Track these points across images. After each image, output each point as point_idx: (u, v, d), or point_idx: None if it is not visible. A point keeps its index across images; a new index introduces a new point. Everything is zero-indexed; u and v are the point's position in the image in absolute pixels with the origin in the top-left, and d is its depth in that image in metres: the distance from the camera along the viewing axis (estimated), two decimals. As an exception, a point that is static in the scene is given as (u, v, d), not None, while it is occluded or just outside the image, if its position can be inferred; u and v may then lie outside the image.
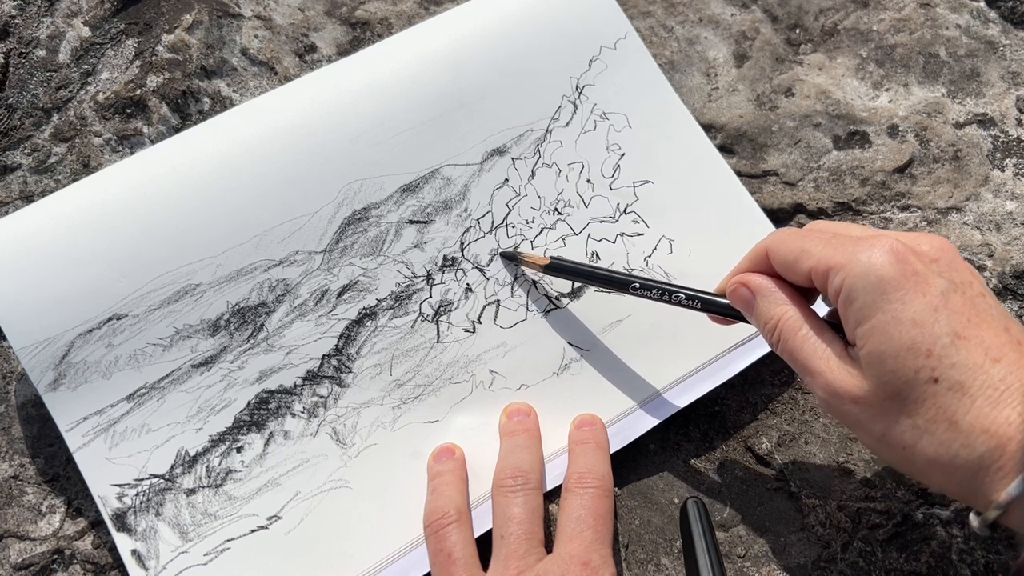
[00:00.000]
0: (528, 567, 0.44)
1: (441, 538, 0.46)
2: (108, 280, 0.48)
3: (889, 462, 0.41)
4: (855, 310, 0.39)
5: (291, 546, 0.47)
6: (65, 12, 0.59)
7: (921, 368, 0.37)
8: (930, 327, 0.37)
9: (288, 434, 0.49)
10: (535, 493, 0.47)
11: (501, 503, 0.47)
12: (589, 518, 0.45)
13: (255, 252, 0.50)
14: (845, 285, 0.39)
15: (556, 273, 0.51)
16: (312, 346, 0.50)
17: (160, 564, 0.46)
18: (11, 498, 0.50)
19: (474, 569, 0.45)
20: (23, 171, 0.56)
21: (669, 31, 0.61)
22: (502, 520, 0.46)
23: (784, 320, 0.43)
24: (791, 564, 0.49)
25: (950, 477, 0.37)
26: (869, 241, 0.40)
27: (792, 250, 0.43)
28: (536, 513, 0.46)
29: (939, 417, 0.37)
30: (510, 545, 0.45)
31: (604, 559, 0.44)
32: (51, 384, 0.47)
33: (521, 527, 0.45)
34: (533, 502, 0.47)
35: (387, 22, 0.60)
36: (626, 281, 0.49)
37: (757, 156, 0.58)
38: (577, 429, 0.50)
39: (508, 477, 0.47)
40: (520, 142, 0.55)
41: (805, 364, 0.41)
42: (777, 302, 0.43)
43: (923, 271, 0.38)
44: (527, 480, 0.47)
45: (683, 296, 0.48)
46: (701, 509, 0.48)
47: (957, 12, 0.62)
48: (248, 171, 0.51)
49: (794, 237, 0.43)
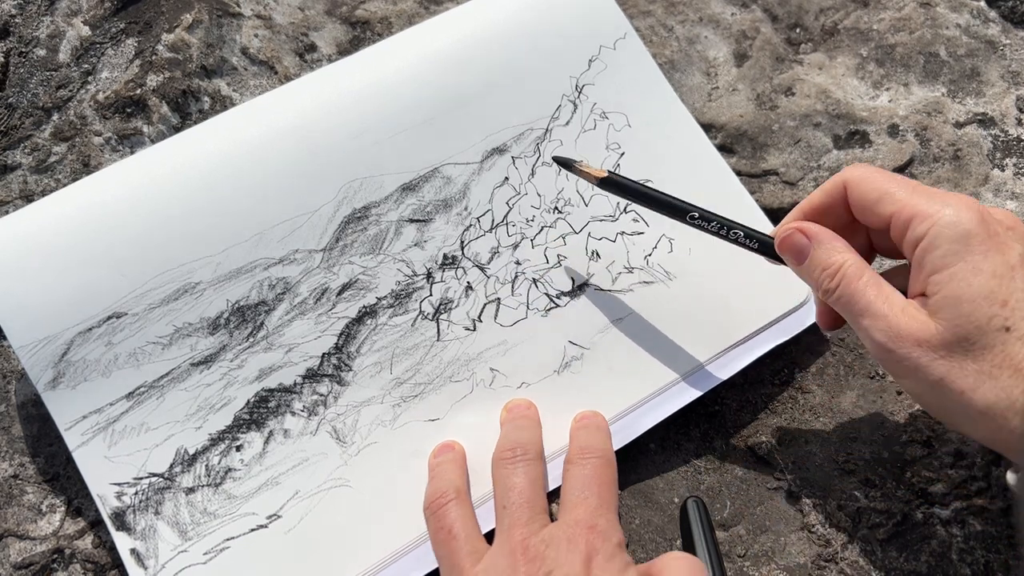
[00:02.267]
0: (533, 533, 0.43)
1: (441, 516, 0.45)
2: (108, 278, 0.48)
3: (936, 410, 0.43)
4: (936, 258, 0.40)
5: (291, 545, 0.47)
6: (65, 11, 0.59)
7: (995, 316, 0.39)
8: (1008, 282, 0.39)
9: (288, 432, 0.49)
10: (535, 463, 0.47)
11: (501, 476, 0.46)
12: (593, 485, 0.45)
13: (255, 250, 0.50)
14: (930, 233, 0.41)
15: (611, 189, 0.50)
16: (312, 344, 0.50)
17: (159, 563, 0.46)
18: (11, 497, 0.49)
19: (477, 543, 0.44)
20: (23, 170, 0.56)
21: (669, 30, 0.61)
22: (503, 491, 0.45)
23: (847, 266, 0.43)
24: (791, 564, 0.49)
25: (1002, 425, 0.39)
26: (954, 197, 0.41)
27: (876, 189, 0.43)
28: (538, 483, 0.46)
29: (1005, 363, 0.38)
30: (513, 514, 0.44)
31: (611, 523, 0.43)
32: (50, 382, 0.47)
33: (523, 495, 0.45)
34: (534, 472, 0.46)
35: (387, 21, 0.60)
36: (684, 209, 0.48)
37: (757, 155, 0.58)
38: (577, 420, 0.50)
39: (507, 450, 0.47)
40: (520, 141, 0.55)
41: (868, 307, 0.42)
42: (838, 249, 0.44)
43: (1002, 234, 0.41)
44: (526, 451, 0.47)
45: (741, 234, 0.47)
46: (701, 508, 0.48)
47: (957, 12, 0.62)
48: (248, 169, 0.51)
49: (879, 177, 0.44)
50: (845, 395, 0.53)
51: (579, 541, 0.42)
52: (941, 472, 0.50)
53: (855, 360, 0.54)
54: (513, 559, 0.42)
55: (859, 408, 0.52)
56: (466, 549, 0.44)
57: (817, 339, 0.54)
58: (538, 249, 0.53)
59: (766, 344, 0.52)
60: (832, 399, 0.53)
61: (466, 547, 0.44)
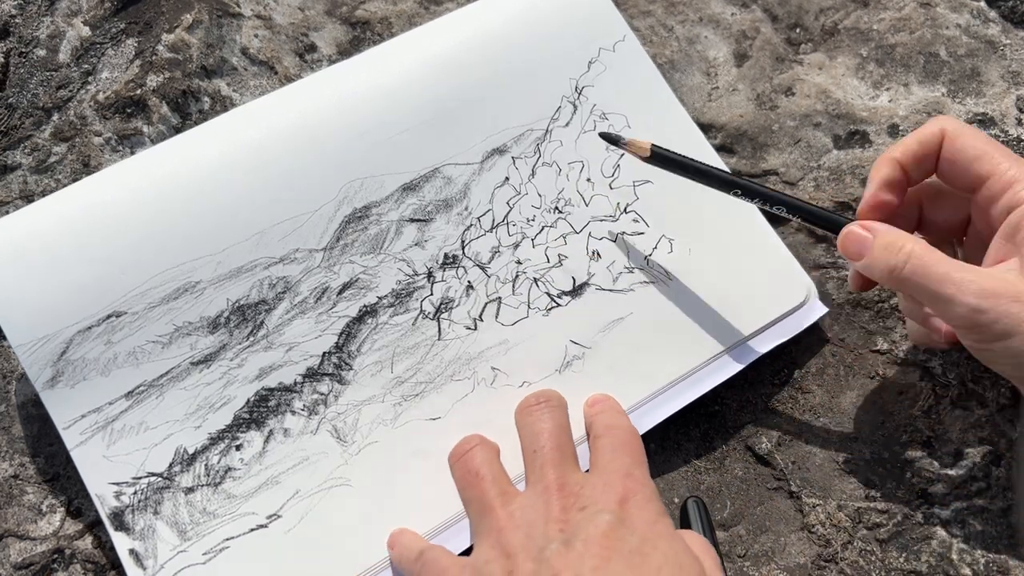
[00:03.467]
0: (567, 475, 0.43)
1: (467, 460, 0.45)
2: (108, 277, 0.48)
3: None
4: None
5: (291, 545, 0.47)
6: (65, 11, 0.59)
7: None
8: None
9: (288, 432, 0.49)
10: (562, 411, 0.47)
11: (528, 422, 0.46)
12: (624, 447, 0.44)
13: (255, 250, 0.50)
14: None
15: (658, 163, 0.50)
16: (312, 343, 0.50)
17: (158, 563, 0.46)
18: (11, 498, 0.49)
19: (506, 485, 0.44)
20: (23, 170, 0.56)
21: (669, 31, 0.61)
22: (532, 436, 0.45)
23: (916, 244, 0.42)
24: (791, 564, 0.49)
25: None
26: None
27: (976, 147, 0.43)
28: (566, 429, 0.46)
29: None
30: (544, 455, 0.44)
31: (646, 475, 0.43)
32: (49, 381, 0.47)
33: (553, 438, 0.45)
34: (561, 417, 0.46)
35: (387, 22, 0.60)
36: (729, 182, 0.48)
37: (757, 155, 0.58)
38: (592, 405, 0.49)
39: (532, 398, 0.47)
40: (520, 142, 0.55)
41: (948, 274, 0.41)
42: (905, 236, 0.43)
43: None
44: (550, 399, 0.47)
45: (785, 209, 0.47)
46: (701, 509, 0.48)
47: (957, 12, 0.62)
48: (249, 169, 0.51)
49: (979, 136, 0.44)
50: (845, 395, 0.53)
51: (615, 484, 0.42)
52: (941, 472, 0.50)
53: (855, 360, 0.54)
54: (547, 495, 0.42)
55: (859, 408, 0.52)
56: (495, 490, 0.43)
57: (817, 339, 0.54)
58: (539, 249, 0.53)
59: (766, 344, 0.52)
60: (832, 399, 0.53)
61: (494, 488, 0.44)
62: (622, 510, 0.41)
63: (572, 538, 0.40)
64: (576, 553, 0.39)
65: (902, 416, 0.52)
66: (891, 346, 0.54)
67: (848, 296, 0.55)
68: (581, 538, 0.40)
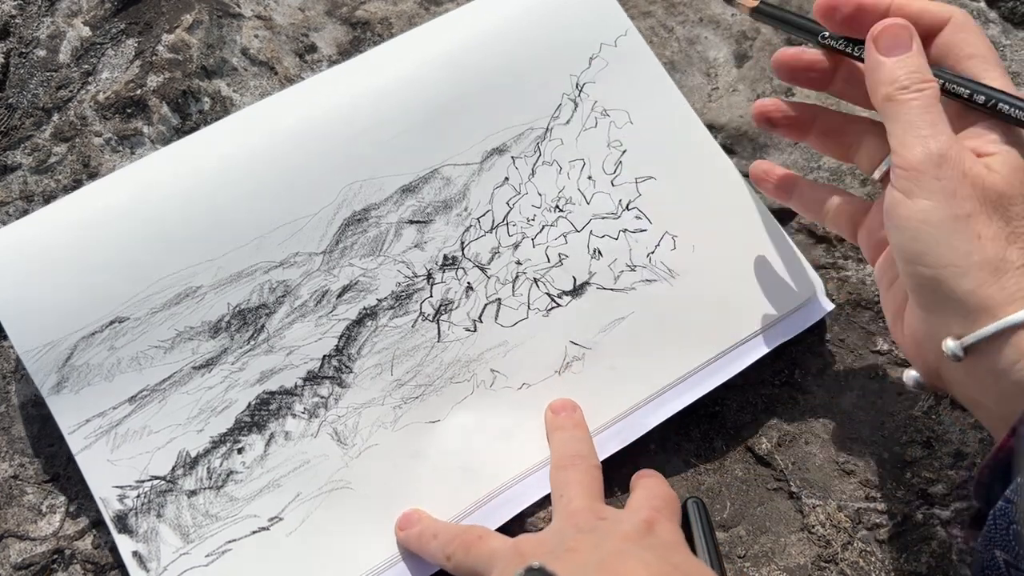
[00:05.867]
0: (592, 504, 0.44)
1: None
2: (110, 283, 0.49)
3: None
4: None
5: (292, 547, 0.47)
6: (65, 12, 0.59)
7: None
8: None
9: (289, 435, 0.49)
10: (595, 470, 0.47)
11: (560, 477, 0.47)
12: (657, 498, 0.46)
13: (255, 254, 0.50)
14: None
15: (761, 17, 0.50)
16: (313, 346, 0.50)
17: (161, 566, 0.46)
18: (11, 498, 0.50)
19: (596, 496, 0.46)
20: (23, 171, 0.56)
21: (669, 31, 0.61)
22: (562, 486, 0.46)
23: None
24: (791, 564, 0.49)
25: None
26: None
27: (975, 46, 0.42)
28: (597, 483, 0.47)
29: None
30: (571, 494, 0.45)
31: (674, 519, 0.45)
32: (54, 387, 0.47)
33: (582, 485, 0.46)
34: (594, 473, 0.47)
35: (387, 22, 0.60)
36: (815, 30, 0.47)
37: (757, 156, 0.58)
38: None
39: (566, 457, 0.47)
40: (520, 141, 0.55)
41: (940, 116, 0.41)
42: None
43: None
44: (584, 459, 0.47)
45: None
46: (701, 509, 0.48)
47: (958, 11, 0.62)
48: (248, 174, 0.51)
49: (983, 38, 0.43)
50: (845, 395, 0.53)
51: (641, 510, 0.43)
52: (941, 473, 0.50)
53: (855, 360, 0.54)
54: (574, 519, 0.43)
55: (859, 408, 0.53)
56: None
57: (817, 339, 0.54)
58: (539, 248, 0.53)
59: (768, 344, 0.52)
60: (832, 399, 0.53)
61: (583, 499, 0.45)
62: (648, 528, 0.42)
63: (594, 531, 0.42)
64: (596, 536, 0.41)
65: (902, 416, 0.52)
66: (891, 346, 0.54)
67: (848, 296, 0.55)
68: (602, 531, 0.41)
